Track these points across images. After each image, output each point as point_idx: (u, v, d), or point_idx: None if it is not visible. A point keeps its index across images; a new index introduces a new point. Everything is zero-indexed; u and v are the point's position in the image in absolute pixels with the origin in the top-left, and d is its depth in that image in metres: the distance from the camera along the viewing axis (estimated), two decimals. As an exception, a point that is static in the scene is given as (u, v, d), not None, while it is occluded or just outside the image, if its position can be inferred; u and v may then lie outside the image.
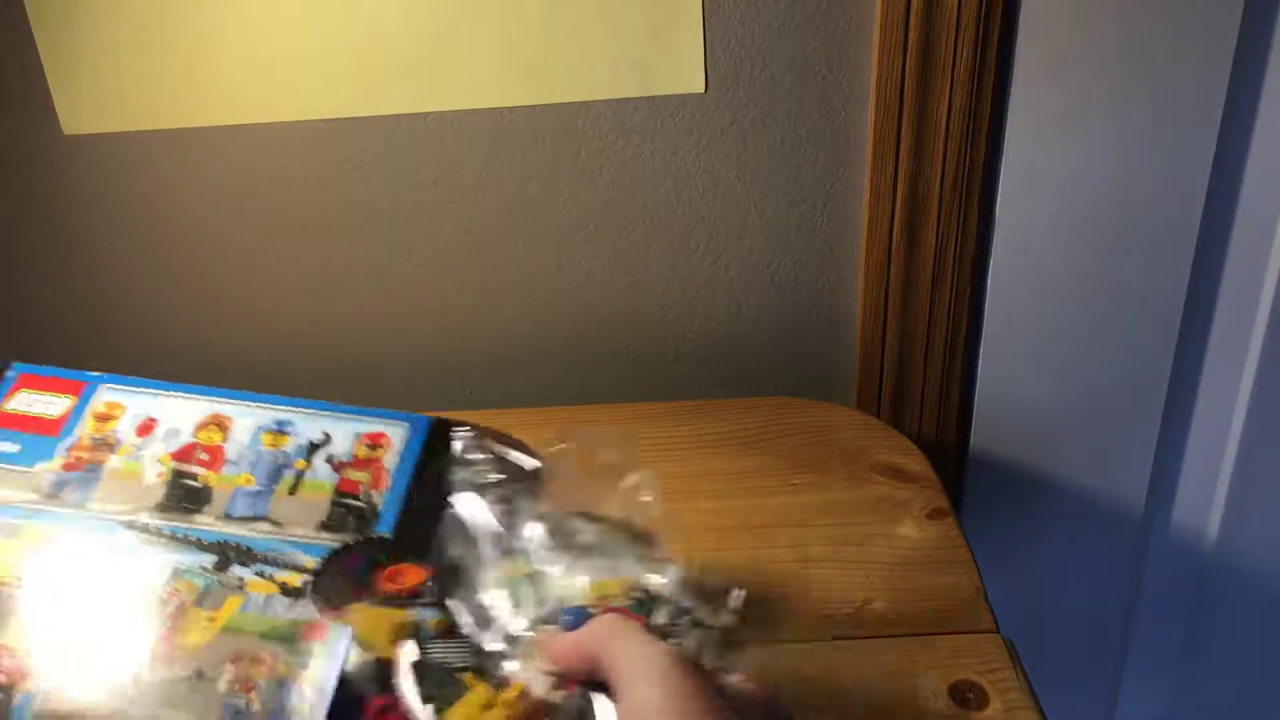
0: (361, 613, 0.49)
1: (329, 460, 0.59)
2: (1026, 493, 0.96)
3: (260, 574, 0.53)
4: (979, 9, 0.75)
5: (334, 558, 0.53)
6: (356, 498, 0.58)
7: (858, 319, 0.90)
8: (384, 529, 0.56)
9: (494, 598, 0.51)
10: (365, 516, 0.57)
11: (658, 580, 0.52)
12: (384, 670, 0.47)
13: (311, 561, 0.54)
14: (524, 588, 0.51)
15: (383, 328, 0.91)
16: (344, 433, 0.60)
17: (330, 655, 0.50)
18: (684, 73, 0.80)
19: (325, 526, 0.56)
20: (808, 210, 0.86)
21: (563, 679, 0.46)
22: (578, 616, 0.48)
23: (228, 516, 0.56)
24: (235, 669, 0.49)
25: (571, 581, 0.51)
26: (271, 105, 0.81)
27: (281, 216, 0.87)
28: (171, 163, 0.84)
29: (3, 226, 0.87)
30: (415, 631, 0.49)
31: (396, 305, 0.90)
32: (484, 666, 0.47)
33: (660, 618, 0.50)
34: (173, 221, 0.87)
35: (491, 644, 0.48)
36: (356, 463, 0.59)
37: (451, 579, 0.51)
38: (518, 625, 0.49)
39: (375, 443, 0.60)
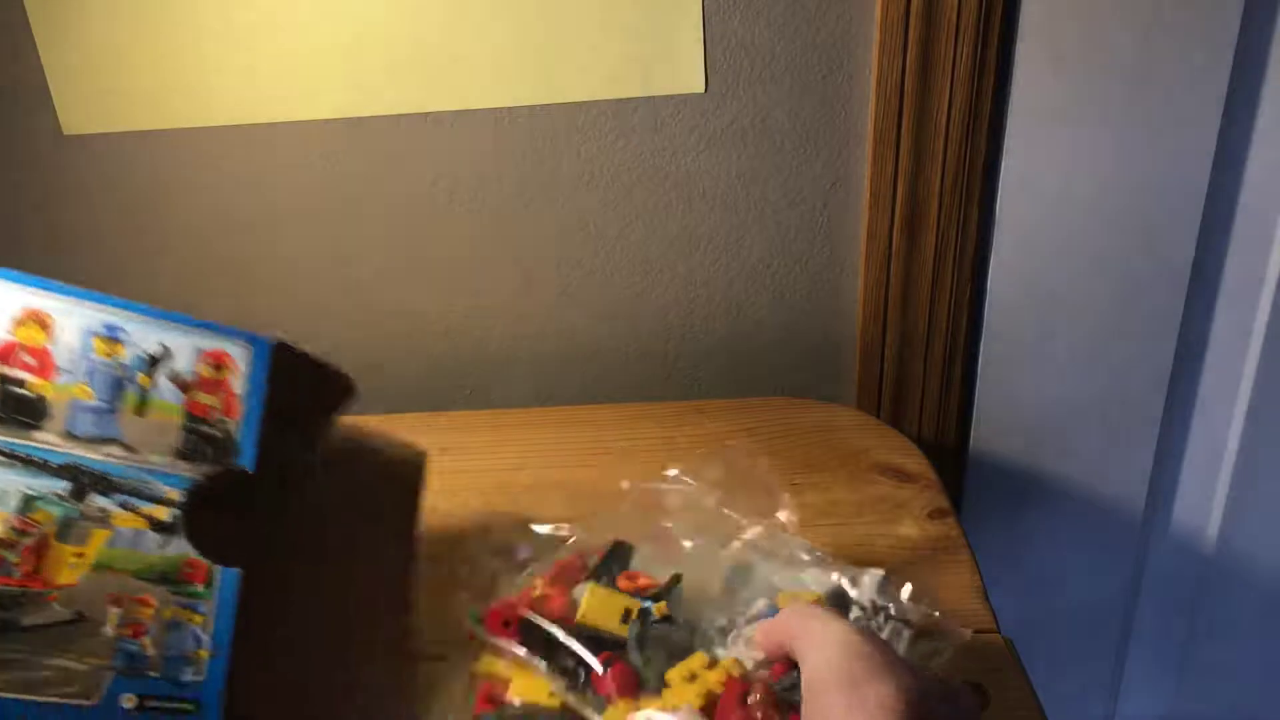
0: (594, 594, 0.55)
1: (173, 379, 0.54)
2: (1026, 493, 0.96)
3: (125, 505, 0.50)
4: (979, 9, 0.75)
5: None
6: (209, 424, 0.54)
7: (858, 319, 0.90)
8: (245, 462, 0.53)
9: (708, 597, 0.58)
10: (225, 447, 0.53)
11: (854, 590, 0.59)
12: (611, 640, 0.53)
13: (175, 493, 0.51)
14: (737, 585, 0.59)
15: (383, 328, 0.91)
16: (183, 347, 0.55)
17: (223, 598, 0.48)
18: (684, 73, 0.80)
19: (181, 455, 0.52)
20: (808, 210, 0.86)
21: (768, 663, 0.52)
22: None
23: (71, 435, 0.51)
24: (120, 610, 0.47)
25: (777, 586, 0.59)
26: (271, 105, 0.81)
27: (281, 216, 0.87)
28: (171, 163, 0.84)
29: (3, 226, 0.87)
30: (641, 614, 0.54)
31: (397, 305, 0.90)
32: (701, 645, 0.54)
33: (855, 612, 0.57)
34: (172, 221, 0.87)
35: (707, 630, 0.55)
36: (202, 383, 0.55)
37: (676, 583, 0.58)
38: (729, 619, 0.56)
39: (219, 363, 0.56)
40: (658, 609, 0.55)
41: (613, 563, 0.61)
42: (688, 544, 0.62)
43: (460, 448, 0.84)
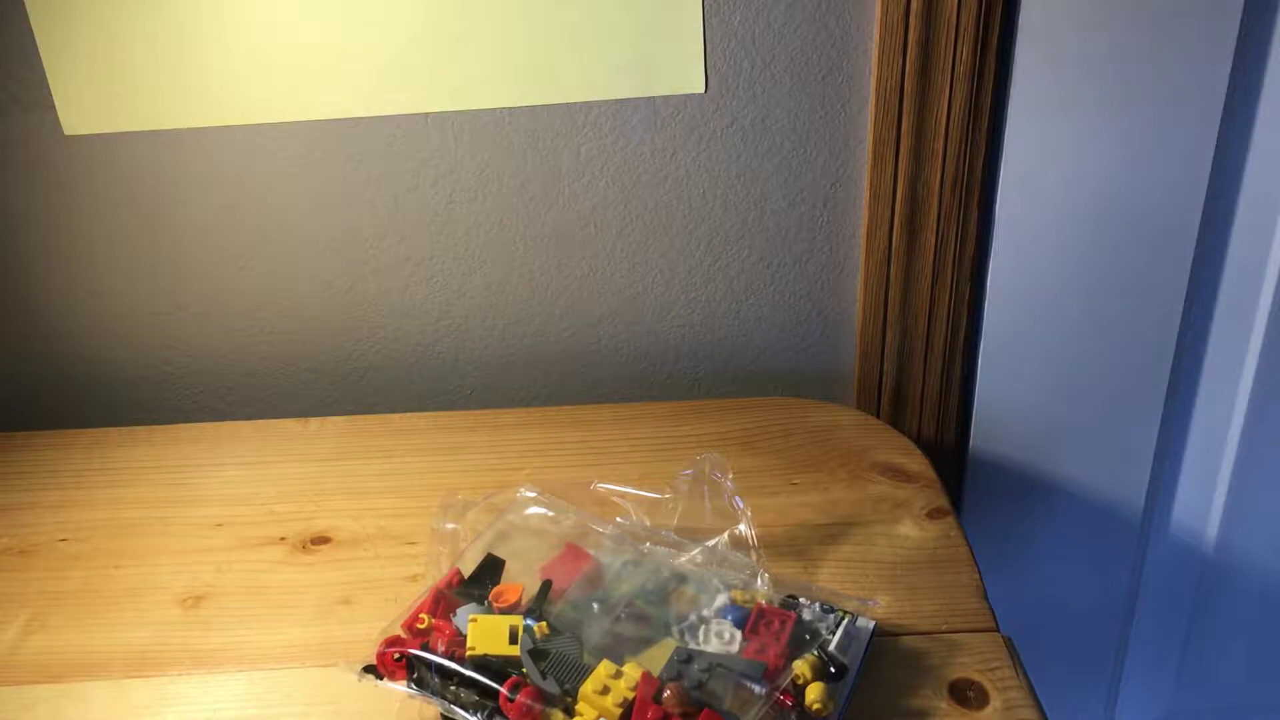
0: (478, 623, 0.57)
1: None
2: (1026, 493, 0.96)
3: None
4: (979, 9, 0.75)
5: None
6: None
7: (858, 319, 0.90)
8: None
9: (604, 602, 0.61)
10: None
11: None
12: (503, 661, 0.55)
13: None
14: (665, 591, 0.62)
15: (383, 328, 0.91)
16: None
17: None
18: (684, 73, 0.80)
19: None
20: (808, 210, 0.86)
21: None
22: (739, 614, 0.60)
23: None
24: None
25: (714, 586, 0.62)
26: (271, 105, 0.81)
27: (281, 217, 0.87)
28: (171, 163, 0.84)
29: (3, 226, 0.87)
30: (526, 631, 0.57)
31: (397, 305, 0.90)
32: (595, 654, 0.56)
33: (808, 614, 0.61)
34: (173, 222, 0.87)
35: (674, 626, 0.59)
36: None
37: (543, 592, 0.61)
38: (696, 615, 0.60)
39: None
40: (539, 628, 0.57)
41: (485, 578, 0.63)
42: (646, 550, 0.65)
43: (460, 448, 0.84)
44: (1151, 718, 1.13)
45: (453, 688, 0.55)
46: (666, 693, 0.53)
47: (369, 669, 0.58)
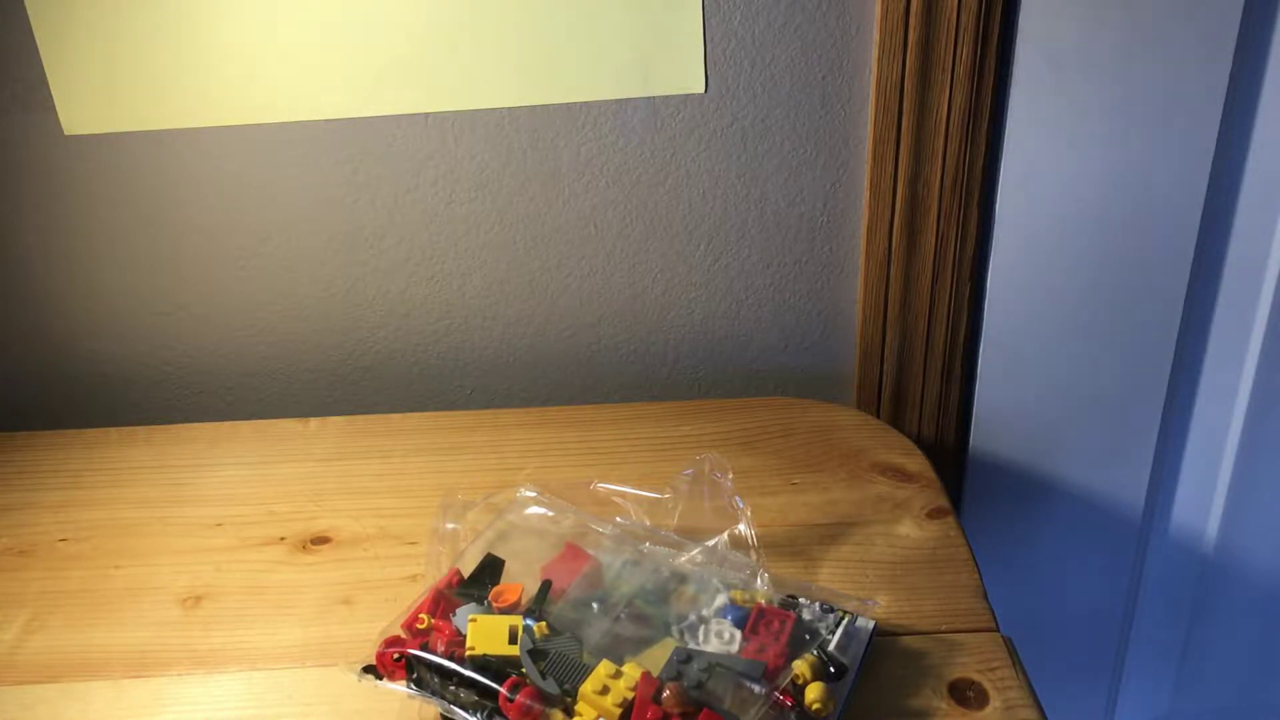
0: (478, 623, 0.57)
1: None
2: (1026, 493, 0.96)
3: None
4: (979, 10, 0.75)
5: None
6: None
7: (858, 319, 0.90)
8: None
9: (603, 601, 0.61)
10: None
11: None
12: (505, 661, 0.55)
13: None
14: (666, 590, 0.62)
15: (383, 328, 0.91)
16: None
17: None
18: (684, 73, 0.80)
19: None
20: (808, 210, 0.86)
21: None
22: (739, 614, 0.60)
23: None
24: None
25: (714, 586, 0.62)
26: (271, 105, 0.81)
27: (281, 217, 0.87)
28: (171, 163, 0.84)
29: (2, 226, 0.87)
30: (526, 631, 0.57)
31: (397, 305, 0.90)
32: (595, 654, 0.56)
33: (808, 614, 0.61)
34: (173, 222, 0.87)
35: (674, 626, 0.59)
36: None
37: (543, 592, 0.61)
38: (696, 615, 0.60)
39: None
40: (539, 628, 0.57)
41: (485, 578, 0.63)
42: (646, 550, 0.65)
43: (460, 448, 0.84)
44: (1151, 718, 1.13)
45: (452, 688, 0.55)
46: (666, 693, 0.53)
47: (369, 669, 0.58)
